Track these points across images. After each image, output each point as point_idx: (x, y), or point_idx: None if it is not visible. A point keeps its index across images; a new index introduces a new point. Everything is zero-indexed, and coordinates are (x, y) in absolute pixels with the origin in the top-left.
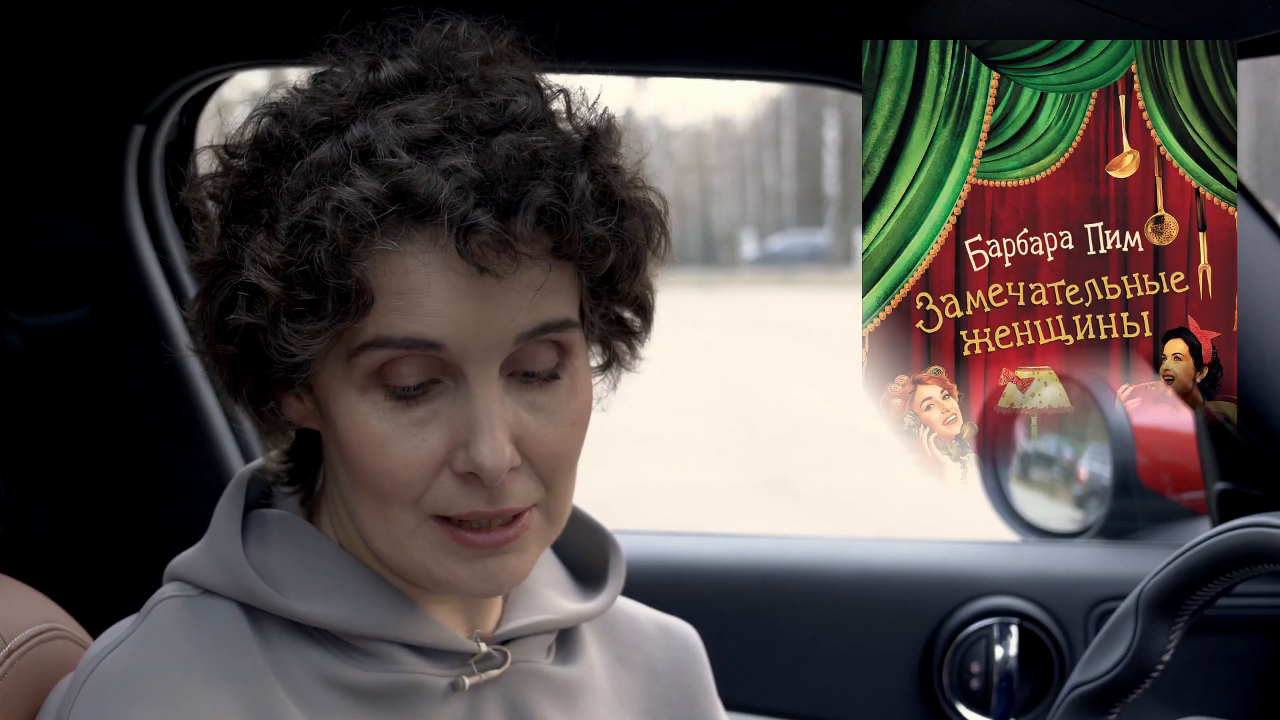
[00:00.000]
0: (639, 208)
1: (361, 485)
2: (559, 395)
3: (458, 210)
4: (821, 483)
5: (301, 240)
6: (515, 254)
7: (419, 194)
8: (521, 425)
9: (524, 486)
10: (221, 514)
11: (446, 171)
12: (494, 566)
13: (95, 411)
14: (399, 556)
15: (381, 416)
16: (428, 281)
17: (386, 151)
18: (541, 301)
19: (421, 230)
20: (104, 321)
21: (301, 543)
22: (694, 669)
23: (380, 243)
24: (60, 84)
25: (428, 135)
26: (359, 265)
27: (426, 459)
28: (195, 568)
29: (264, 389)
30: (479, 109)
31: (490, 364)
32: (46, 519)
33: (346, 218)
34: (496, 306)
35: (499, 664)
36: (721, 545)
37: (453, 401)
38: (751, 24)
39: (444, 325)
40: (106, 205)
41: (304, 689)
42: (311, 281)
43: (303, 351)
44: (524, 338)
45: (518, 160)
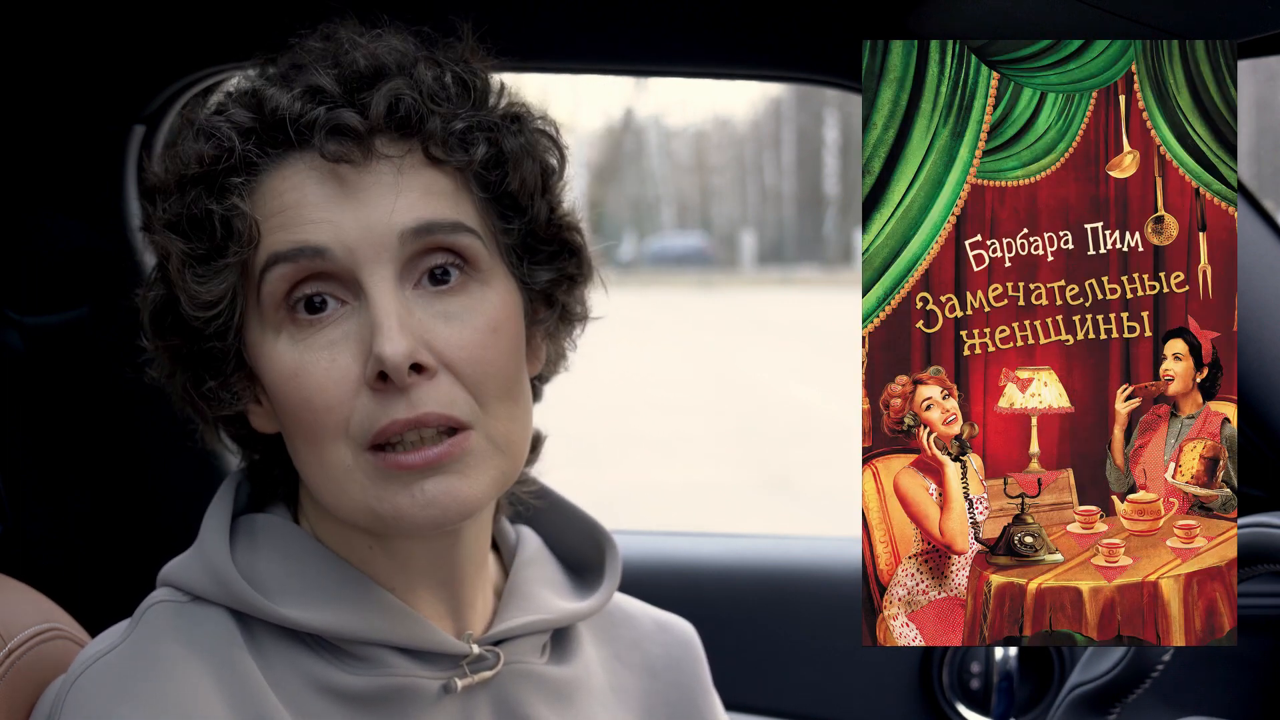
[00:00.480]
0: (515, 117)
1: (295, 432)
2: (470, 304)
3: (309, 114)
4: (821, 483)
5: (188, 189)
6: (372, 147)
7: (270, 105)
8: (431, 331)
9: (445, 393)
10: (210, 520)
11: (303, 89)
12: (433, 489)
13: (95, 411)
14: (343, 501)
15: (295, 347)
16: (302, 194)
17: (253, 90)
18: (421, 201)
19: (290, 151)
20: (104, 321)
21: (289, 547)
22: (692, 666)
23: (243, 154)
24: (60, 84)
25: (294, 75)
26: (236, 191)
27: (340, 377)
28: (185, 574)
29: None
30: (343, 51)
31: (381, 265)
32: (46, 519)
33: (215, 143)
34: (371, 206)
35: (491, 665)
36: (721, 545)
37: (358, 318)
38: (751, 24)
39: (325, 229)
40: (106, 205)
41: (295, 695)
42: (200, 221)
43: (209, 293)
44: (409, 236)
45: (363, 67)
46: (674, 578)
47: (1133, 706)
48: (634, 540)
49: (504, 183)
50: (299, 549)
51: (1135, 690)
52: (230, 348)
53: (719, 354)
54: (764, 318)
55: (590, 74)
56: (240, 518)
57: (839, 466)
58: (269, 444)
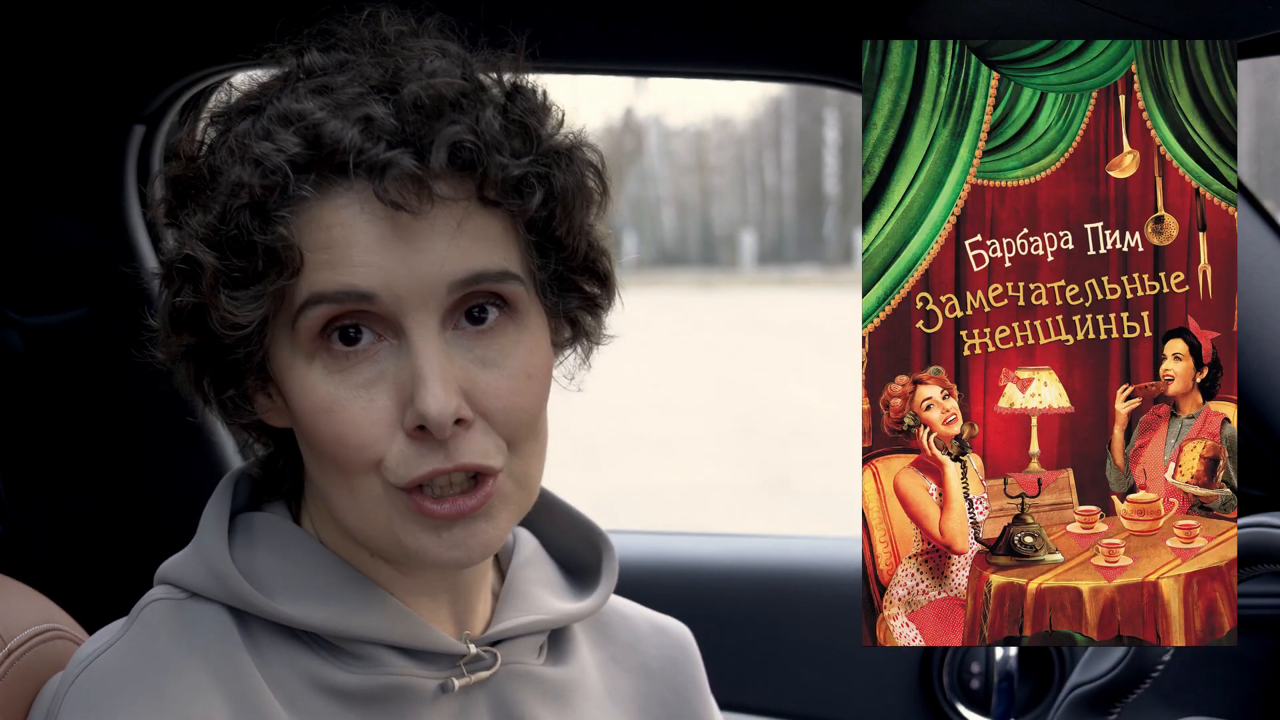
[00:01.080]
0: (568, 153)
1: (323, 458)
2: (507, 348)
3: (368, 153)
4: (821, 483)
5: (229, 207)
6: (430, 193)
7: (328, 139)
8: (471, 379)
9: (481, 443)
10: (208, 517)
11: (357, 120)
12: (461, 534)
13: (95, 411)
14: (369, 529)
15: (329, 381)
16: (352, 232)
17: (302, 113)
18: (473, 249)
19: (339, 181)
20: (104, 321)
21: (288, 545)
22: (688, 668)
23: (296, 189)
24: (60, 84)
25: (344, 97)
26: (284, 222)
27: (377, 419)
28: (183, 571)
29: (230, 384)
30: (393, 70)
31: (426, 313)
32: (46, 519)
33: (264, 171)
34: (424, 253)
35: (489, 665)
36: (721, 545)
37: (396, 359)
38: (751, 24)
39: (373, 274)
40: (106, 205)
41: (292, 692)
42: (241, 245)
43: (243, 317)
44: (457, 286)
45: (425, 101)
46: (673, 578)
47: (1133, 706)
48: (633, 540)
49: (552, 225)
50: (297, 547)
51: (1135, 690)
52: (255, 363)
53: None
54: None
55: (590, 74)
56: (239, 516)
57: (839, 466)
58: (279, 436)
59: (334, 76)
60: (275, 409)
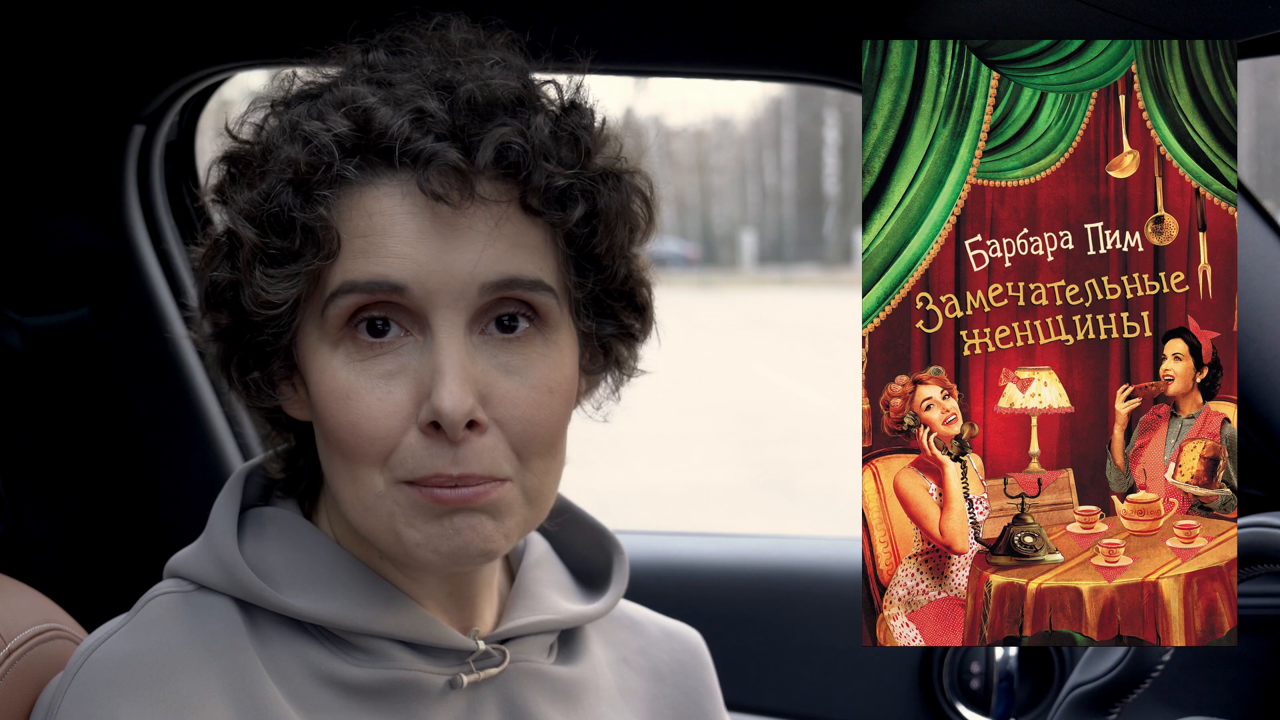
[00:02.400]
0: (616, 175)
1: (334, 447)
2: (532, 359)
3: (415, 142)
4: (821, 483)
5: (275, 183)
6: (472, 189)
7: (378, 124)
8: (490, 384)
9: (491, 452)
10: (218, 511)
11: (410, 111)
12: (462, 523)
13: (95, 412)
14: (370, 521)
15: (350, 368)
16: (391, 222)
17: (356, 97)
18: (509, 253)
19: (384, 170)
20: (104, 321)
21: (297, 539)
22: (698, 672)
23: (340, 169)
24: (60, 84)
25: (401, 91)
26: (324, 203)
27: (392, 411)
28: (191, 564)
29: (256, 366)
30: (453, 71)
31: (455, 312)
32: (46, 519)
33: (311, 149)
34: (459, 251)
35: (498, 663)
36: (721, 545)
37: (420, 354)
38: (752, 24)
39: (407, 267)
40: (106, 205)
41: (297, 685)
42: (281, 223)
43: (276, 296)
44: (489, 289)
45: (478, 100)
46: (674, 578)
47: (1133, 706)
48: (634, 541)
49: (592, 242)
50: (307, 541)
51: (1135, 690)
52: (282, 346)
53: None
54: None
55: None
56: (249, 510)
57: (839, 466)
58: (297, 431)
59: (396, 74)
60: (298, 400)
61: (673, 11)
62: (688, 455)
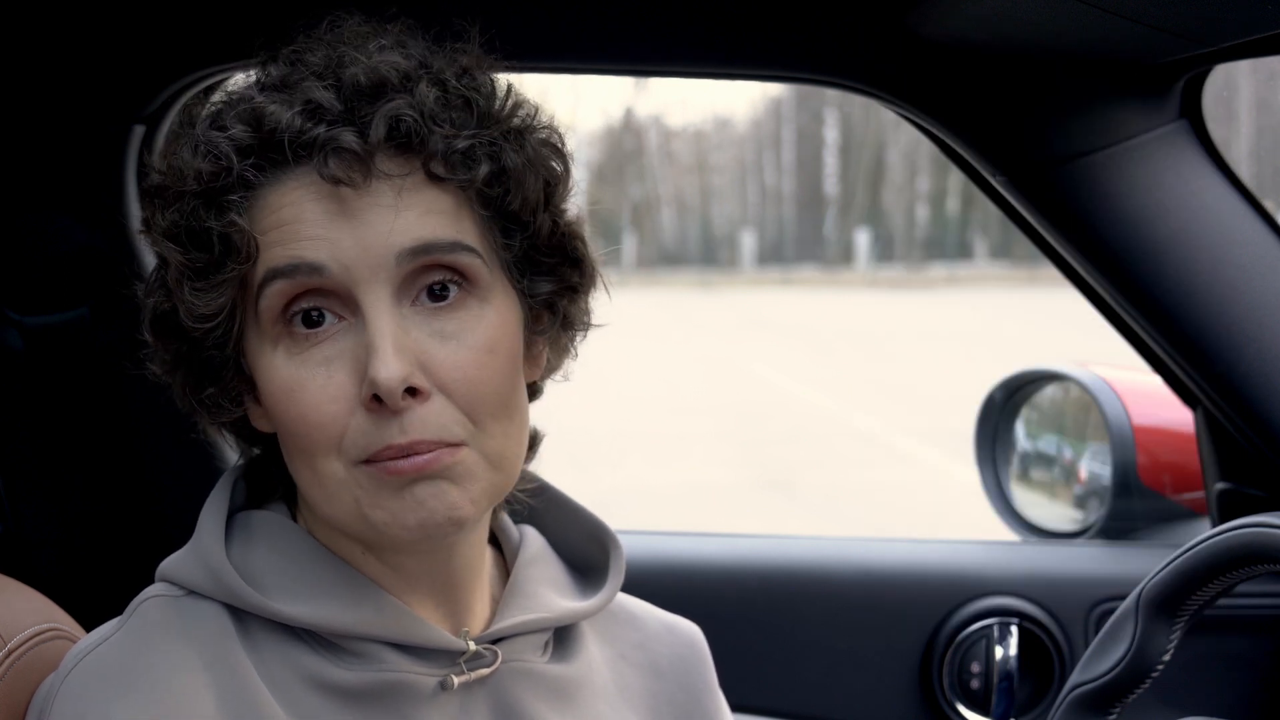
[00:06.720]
0: (519, 131)
1: (290, 443)
2: (468, 322)
3: (309, 133)
4: (821, 483)
5: (187, 200)
6: (371, 168)
7: (269, 122)
8: (428, 352)
9: (439, 416)
10: (206, 515)
11: (301, 104)
12: (423, 492)
13: (95, 412)
14: (337, 510)
15: (291, 362)
16: (300, 211)
17: (252, 103)
18: (420, 220)
19: (286, 167)
20: (104, 321)
21: (285, 543)
22: (698, 667)
23: (242, 174)
24: (60, 84)
25: (294, 89)
26: (235, 208)
27: (336, 394)
28: (180, 569)
29: (209, 382)
30: (339, 59)
31: (378, 285)
32: (46, 519)
33: (213, 158)
34: (369, 225)
35: (489, 663)
36: (721, 545)
37: (355, 335)
38: (753, 24)
39: (322, 247)
40: (106, 205)
41: (288, 689)
42: (199, 236)
43: (206, 307)
44: (406, 256)
45: (363, 82)
46: (674, 578)
47: (1133, 706)
48: (634, 540)
49: (505, 200)
50: (295, 545)
51: (1135, 690)
52: (229, 357)
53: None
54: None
55: (590, 74)
56: (237, 514)
57: (839, 466)
58: (269, 441)
59: (290, 75)
60: (260, 413)
61: (673, 11)
62: (687, 455)
